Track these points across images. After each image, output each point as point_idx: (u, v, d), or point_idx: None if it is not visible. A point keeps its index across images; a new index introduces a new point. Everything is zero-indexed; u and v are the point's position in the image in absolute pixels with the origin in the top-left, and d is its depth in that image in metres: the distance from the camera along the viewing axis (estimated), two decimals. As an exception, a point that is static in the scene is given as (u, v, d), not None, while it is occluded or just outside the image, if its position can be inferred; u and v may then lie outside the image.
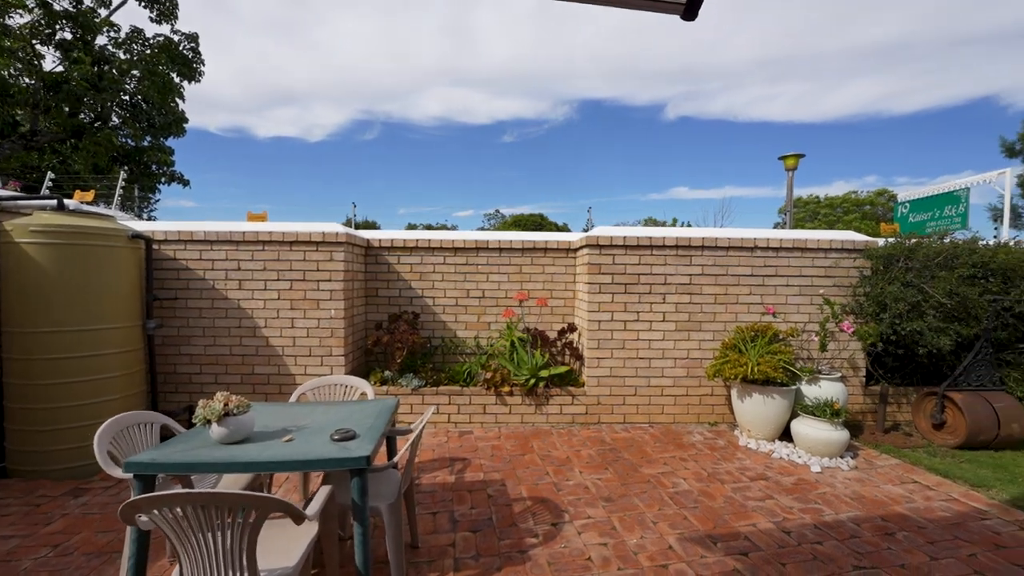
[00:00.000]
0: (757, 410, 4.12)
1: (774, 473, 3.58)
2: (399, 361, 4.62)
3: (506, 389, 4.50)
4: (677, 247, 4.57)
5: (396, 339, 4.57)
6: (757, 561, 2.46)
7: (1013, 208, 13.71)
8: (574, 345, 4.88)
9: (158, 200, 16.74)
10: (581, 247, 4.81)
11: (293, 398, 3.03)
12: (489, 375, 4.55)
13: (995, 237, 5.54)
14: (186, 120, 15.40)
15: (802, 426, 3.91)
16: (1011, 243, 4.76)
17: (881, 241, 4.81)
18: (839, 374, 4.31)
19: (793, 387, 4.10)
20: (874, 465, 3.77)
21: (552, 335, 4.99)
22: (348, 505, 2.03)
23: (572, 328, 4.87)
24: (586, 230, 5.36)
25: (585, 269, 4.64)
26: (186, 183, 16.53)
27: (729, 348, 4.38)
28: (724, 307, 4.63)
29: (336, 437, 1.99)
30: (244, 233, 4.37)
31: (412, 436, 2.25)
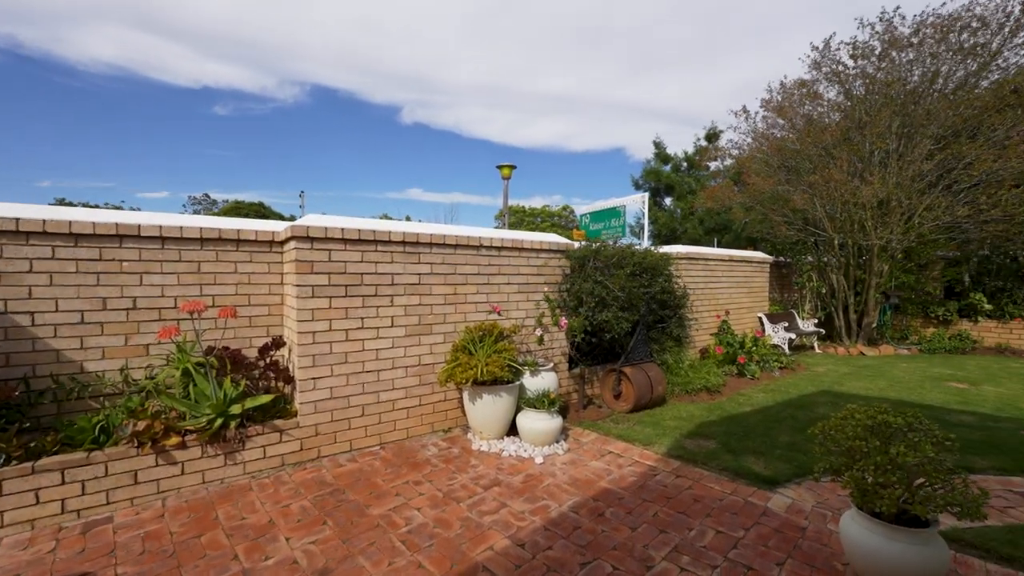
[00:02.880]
0: (487, 410, 4.07)
1: (505, 475, 3.53)
2: (-59, 430, 2.65)
3: (174, 440, 3.14)
4: (405, 243, 4.12)
5: (-69, 392, 2.59)
6: (497, 597, 2.19)
7: (638, 224, 19.11)
8: (282, 365, 3.86)
9: None
10: (288, 240, 3.82)
11: None
12: (143, 425, 3.09)
13: (639, 243, 7.26)
14: None
15: (526, 420, 4.05)
16: (652, 248, 6.22)
17: (576, 244, 5.55)
18: (552, 364, 4.71)
19: (517, 383, 4.23)
20: (581, 443, 4.21)
21: (251, 355, 3.83)
22: None
23: (279, 343, 3.84)
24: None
25: (294, 267, 3.68)
26: None
27: (460, 350, 4.21)
28: (454, 307, 4.46)
29: None
30: None
31: None
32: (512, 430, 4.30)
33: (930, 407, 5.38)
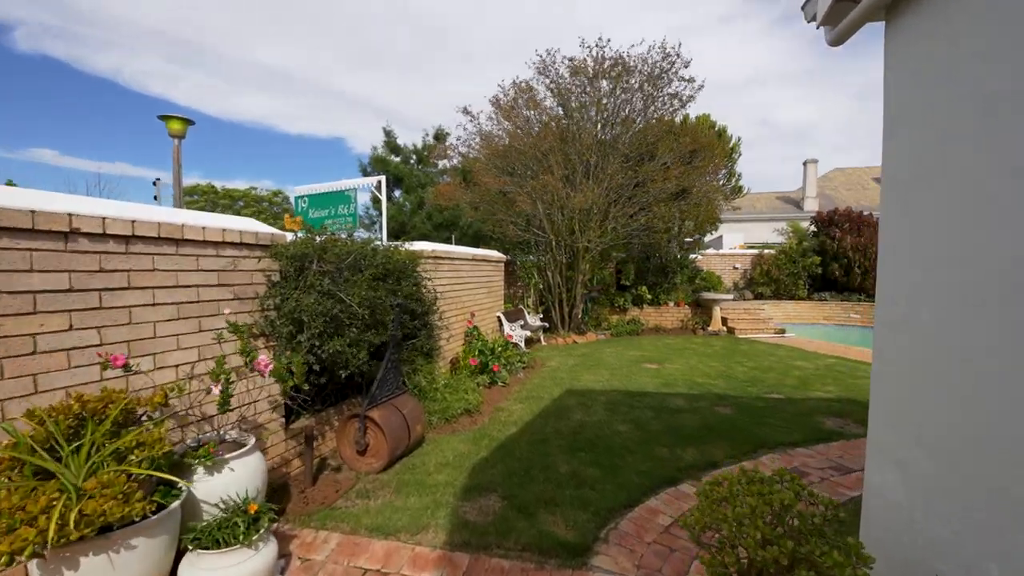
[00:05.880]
0: (98, 584, 1.90)
1: None
2: None
3: None
4: None
5: None
6: None
7: (367, 215, 17.46)
8: None
9: None
10: None
11: None
12: None
13: (378, 238, 5.79)
14: None
15: (198, 573, 2.09)
16: (398, 246, 4.85)
17: (290, 236, 3.69)
18: (253, 438, 2.78)
19: (175, 506, 2.17)
20: (315, 570, 2.51)
21: None
22: None
23: None
24: None
25: None
26: None
27: (11, 469, 1.86)
28: None
29: None
30: None
31: None
32: (170, 590, 2.22)
33: (651, 394, 5.93)
